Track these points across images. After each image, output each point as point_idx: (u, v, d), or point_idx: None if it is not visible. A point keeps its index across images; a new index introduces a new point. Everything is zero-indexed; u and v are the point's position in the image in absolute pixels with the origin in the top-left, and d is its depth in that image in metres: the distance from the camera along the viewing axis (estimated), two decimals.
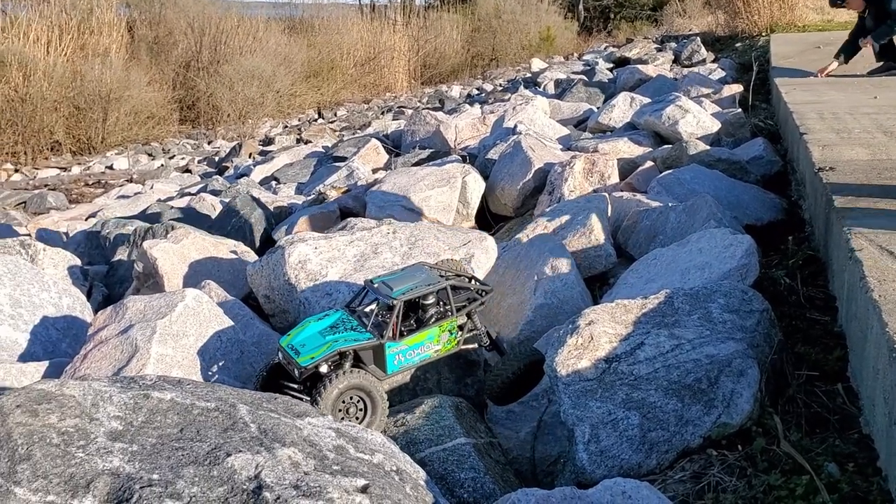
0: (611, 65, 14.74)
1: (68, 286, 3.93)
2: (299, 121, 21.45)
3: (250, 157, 13.82)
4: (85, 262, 5.24)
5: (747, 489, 2.07)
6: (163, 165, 15.55)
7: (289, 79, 22.86)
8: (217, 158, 15.39)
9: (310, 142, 14.97)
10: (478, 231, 4.24)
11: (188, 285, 3.70)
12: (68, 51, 19.96)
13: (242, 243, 4.50)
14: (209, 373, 2.89)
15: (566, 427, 2.43)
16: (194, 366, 2.87)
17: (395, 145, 9.26)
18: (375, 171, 8.02)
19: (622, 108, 7.49)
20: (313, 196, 6.63)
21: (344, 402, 2.56)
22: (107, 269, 5.16)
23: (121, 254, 5.21)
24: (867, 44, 6.88)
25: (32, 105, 17.85)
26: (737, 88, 8.03)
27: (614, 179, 5.11)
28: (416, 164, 7.10)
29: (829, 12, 12.43)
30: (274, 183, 9.63)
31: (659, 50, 15.67)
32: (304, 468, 1.77)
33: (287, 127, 20.01)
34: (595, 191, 4.91)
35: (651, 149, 6.04)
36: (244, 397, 2.10)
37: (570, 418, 2.40)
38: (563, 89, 11.42)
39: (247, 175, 10.81)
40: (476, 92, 19.96)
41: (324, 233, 4.10)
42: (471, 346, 2.93)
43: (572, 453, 2.36)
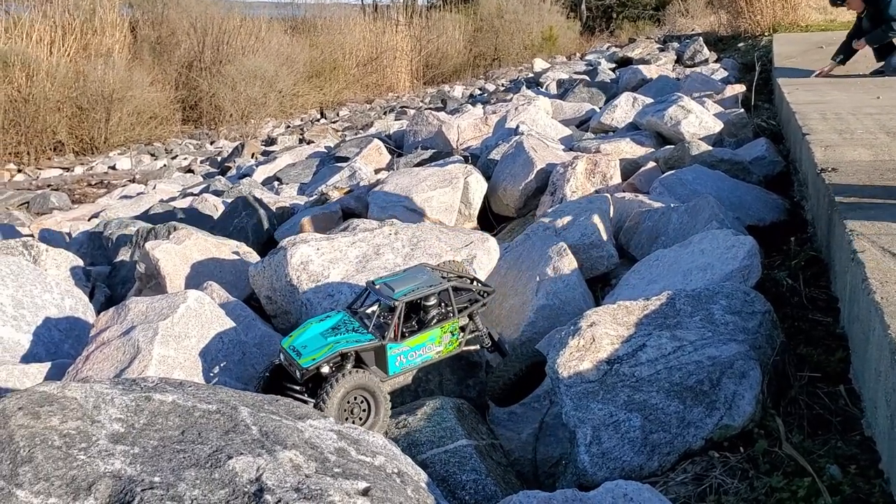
0: (613, 65, 14.74)
1: (71, 287, 3.93)
2: (302, 121, 21.46)
3: (253, 158, 13.84)
4: (87, 262, 5.25)
5: (749, 491, 2.06)
6: (165, 166, 15.57)
7: (291, 79, 22.88)
8: (219, 159, 15.41)
9: (312, 142, 14.99)
10: (480, 232, 4.24)
11: (190, 286, 3.71)
12: (71, 51, 20.01)
13: (244, 244, 4.50)
14: (211, 374, 2.89)
15: (568, 429, 2.43)
16: (196, 367, 2.88)
17: (397, 145, 9.27)
18: (378, 171, 8.03)
19: (624, 109, 7.49)
20: (315, 196, 6.63)
21: (348, 402, 2.56)
22: (109, 269, 5.17)
23: (123, 254, 5.21)
24: (861, 46, 6.87)
25: (35, 105, 17.89)
26: (739, 88, 8.02)
27: (616, 180, 5.11)
28: (419, 165, 7.10)
29: (832, 12, 12.42)
30: (276, 183, 9.65)
31: (661, 50, 15.66)
32: (305, 471, 1.77)
33: (289, 127, 20.03)
34: (597, 191, 4.91)
35: (653, 149, 6.03)
36: (246, 399, 2.11)
37: (572, 420, 2.40)
38: (566, 89, 11.43)
39: (249, 175, 10.83)
40: (478, 92, 19.96)
41: (326, 233, 4.10)
42: (472, 347, 2.93)
43: (574, 455, 2.36)
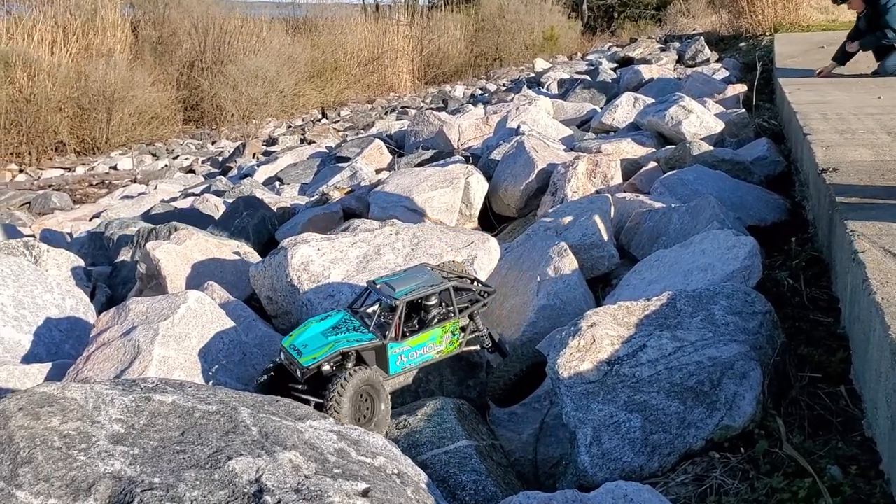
0: (614, 64, 14.73)
1: (72, 287, 3.94)
2: (303, 121, 21.47)
3: (254, 158, 13.84)
4: (88, 262, 5.25)
5: (749, 492, 2.06)
6: (167, 166, 15.58)
7: (292, 79, 22.88)
8: (221, 159, 15.42)
9: (313, 142, 14.99)
10: (480, 232, 4.24)
11: (191, 286, 3.71)
12: (73, 51, 20.01)
13: (245, 244, 4.50)
14: (211, 375, 2.89)
15: (568, 429, 2.42)
16: (196, 368, 2.87)
17: (398, 146, 9.26)
18: (379, 171, 8.03)
19: (625, 109, 7.48)
20: (317, 196, 6.64)
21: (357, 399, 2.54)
22: (110, 270, 5.17)
23: (124, 255, 5.21)
24: (853, 49, 6.84)
25: (37, 105, 17.90)
26: (741, 88, 8.02)
27: (617, 180, 5.11)
28: (420, 165, 7.10)
29: (834, 12, 12.41)
30: (277, 183, 9.65)
31: (662, 50, 15.66)
32: (304, 472, 1.77)
33: (291, 127, 20.03)
34: (598, 191, 4.91)
35: (654, 149, 6.03)
36: (245, 400, 2.11)
37: (572, 420, 2.40)
38: (567, 89, 11.42)
39: (250, 175, 10.83)
40: (479, 92, 19.96)
41: (327, 234, 4.10)
42: (473, 347, 2.93)
43: (574, 456, 2.36)
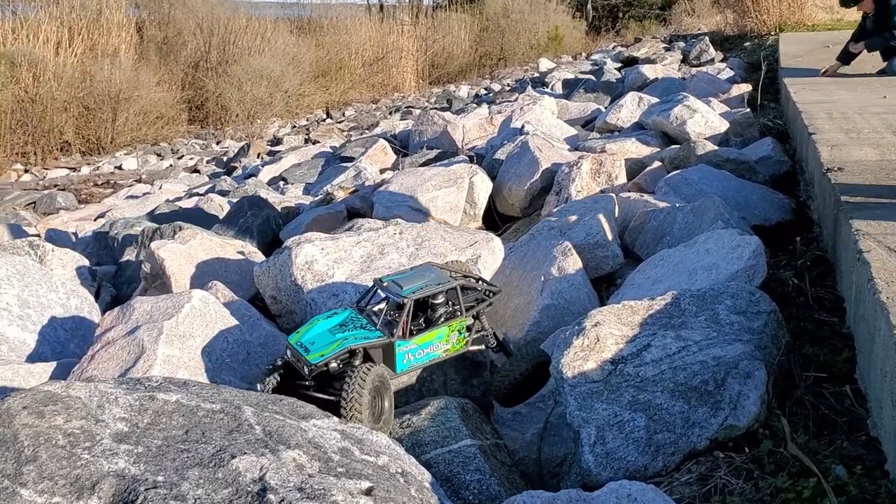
0: (619, 64, 14.72)
1: (76, 287, 3.94)
2: (307, 121, 21.50)
3: (258, 158, 13.86)
4: (93, 262, 5.27)
5: (754, 492, 2.06)
6: (171, 166, 15.61)
7: (297, 79, 22.92)
8: (225, 158, 15.45)
9: (318, 142, 15.01)
10: (484, 232, 4.23)
11: (195, 286, 3.72)
12: (78, 51, 20.06)
13: (249, 244, 4.51)
14: (215, 374, 2.89)
15: (572, 429, 2.42)
16: (200, 367, 2.88)
17: (402, 145, 9.26)
18: (383, 171, 8.02)
19: (630, 108, 7.47)
20: (321, 196, 6.64)
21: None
22: (115, 269, 5.18)
23: (129, 254, 5.22)
24: (858, 49, 6.82)
25: (42, 105, 17.96)
26: (745, 88, 8.00)
27: (622, 180, 5.10)
28: (424, 165, 7.10)
29: (839, 11, 12.36)
30: (282, 183, 9.67)
31: (667, 49, 15.64)
32: (308, 470, 1.77)
33: (295, 127, 20.07)
34: (602, 191, 4.90)
35: (659, 149, 6.02)
36: (249, 399, 2.11)
37: (576, 420, 2.40)
38: (571, 89, 11.42)
39: (255, 175, 10.85)
40: (484, 92, 19.96)
41: (331, 233, 4.10)
42: (479, 346, 2.92)
43: (578, 455, 2.35)
